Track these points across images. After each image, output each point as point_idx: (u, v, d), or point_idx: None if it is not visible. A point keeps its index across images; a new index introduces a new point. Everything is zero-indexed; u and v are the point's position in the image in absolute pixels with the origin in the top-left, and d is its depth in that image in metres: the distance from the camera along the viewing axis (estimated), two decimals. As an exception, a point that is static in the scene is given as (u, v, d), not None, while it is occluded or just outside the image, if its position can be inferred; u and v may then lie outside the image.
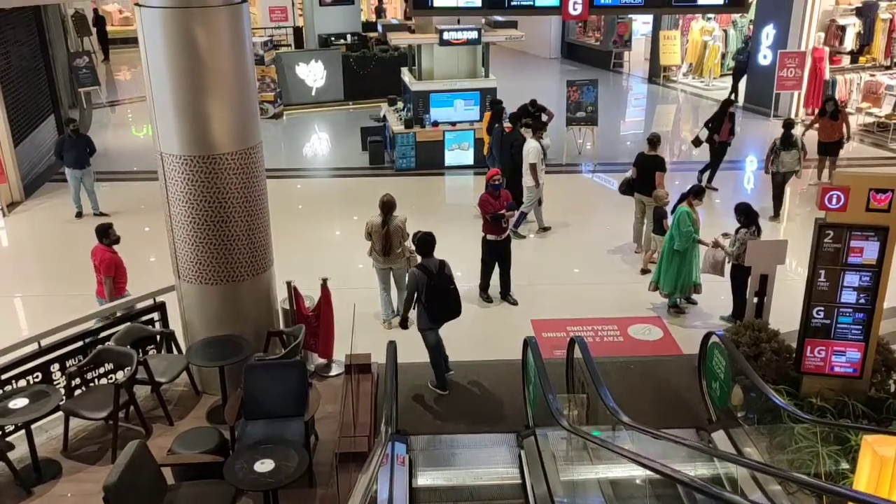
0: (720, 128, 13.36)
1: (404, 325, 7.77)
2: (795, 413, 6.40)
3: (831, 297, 6.90)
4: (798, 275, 9.82)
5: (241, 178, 6.96)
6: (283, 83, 19.35)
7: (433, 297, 7.56)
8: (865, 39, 17.37)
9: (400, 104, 15.77)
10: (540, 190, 11.86)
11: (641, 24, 23.86)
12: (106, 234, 8.32)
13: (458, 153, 14.76)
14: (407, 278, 8.05)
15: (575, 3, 11.21)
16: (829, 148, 13.70)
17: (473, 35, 13.86)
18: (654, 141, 11.03)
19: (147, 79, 6.71)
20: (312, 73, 19.66)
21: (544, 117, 14.83)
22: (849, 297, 6.90)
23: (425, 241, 7.69)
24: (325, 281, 7.79)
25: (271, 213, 7.53)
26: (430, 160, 14.68)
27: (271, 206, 7.55)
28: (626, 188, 11.33)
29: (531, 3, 11.34)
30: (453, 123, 14.69)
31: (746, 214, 9.09)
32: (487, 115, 13.55)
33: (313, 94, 19.76)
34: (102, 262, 8.30)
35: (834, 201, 6.68)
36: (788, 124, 12.37)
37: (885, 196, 6.59)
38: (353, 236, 10.66)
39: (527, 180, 11.74)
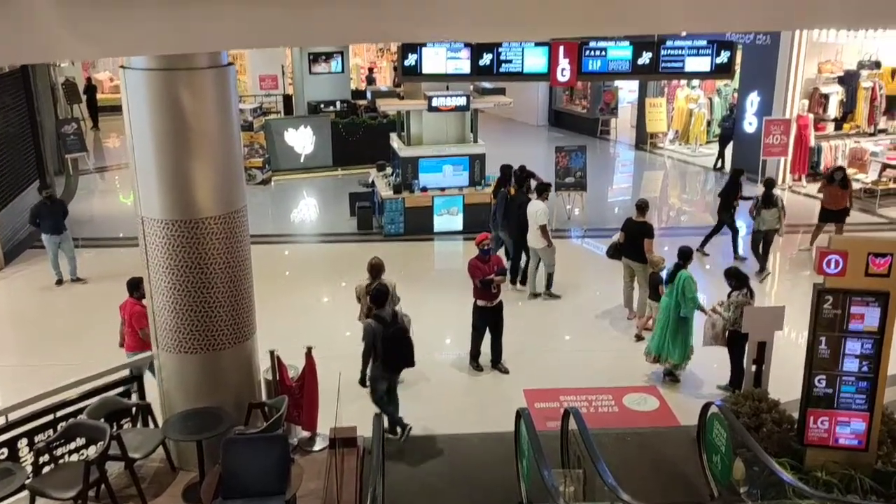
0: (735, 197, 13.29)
1: (363, 382, 7.83)
2: (801, 489, 6.12)
3: (833, 364, 6.69)
4: (793, 341, 9.61)
5: (224, 242, 6.76)
6: (272, 149, 19.36)
7: (389, 347, 7.67)
8: (848, 107, 17.61)
9: (389, 170, 15.75)
10: (554, 249, 11.67)
11: (627, 93, 24.20)
12: (137, 288, 8.17)
13: (448, 218, 14.67)
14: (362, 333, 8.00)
15: (563, 69, 11.35)
16: (835, 216, 13.43)
17: (462, 101, 13.93)
18: (642, 207, 10.94)
19: (130, 141, 6.57)
20: (301, 140, 19.70)
21: (532, 183, 14.90)
22: (851, 364, 6.70)
23: (379, 293, 7.81)
24: (309, 350, 7.51)
25: (256, 280, 7.31)
26: (418, 225, 14.56)
27: (257, 272, 7.33)
28: (614, 252, 11.20)
29: (519, 69, 11.48)
30: (442, 189, 14.64)
31: (737, 277, 8.94)
32: (496, 180, 13.64)
33: (302, 160, 19.75)
34: (133, 315, 8.22)
35: (832, 266, 6.55)
36: (769, 183, 12.62)
37: (885, 260, 6.46)
38: (340, 303, 10.44)
39: (535, 242, 11.53)
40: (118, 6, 5.36)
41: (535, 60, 11.43)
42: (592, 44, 11.44)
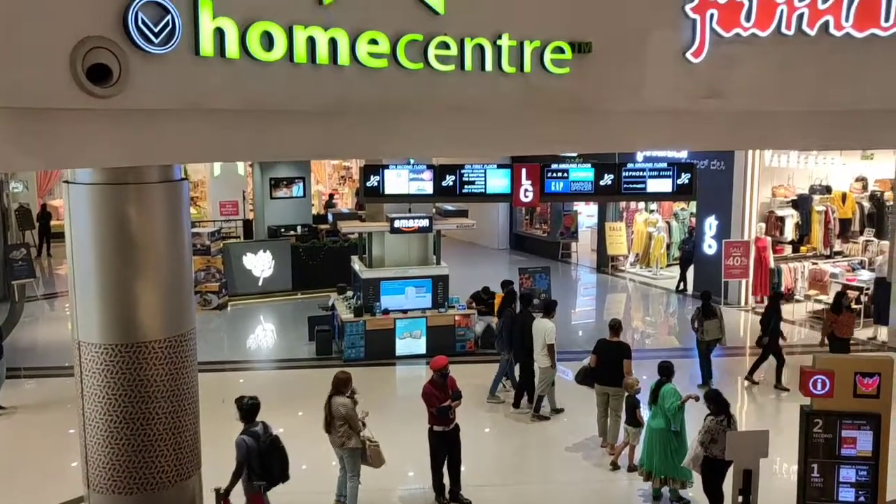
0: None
1: (226, 495, 7.32)
2: None
3: (828, 494, 6.24)
4: (783, 469, 9.12)
5: (168, 369, 6.21)
6: (230, 273, 18.90)
7: (263, 461, 7.32)
8: (804, 230, 17.94)
9: (350, 293, 15.37)
10: (555, 371, 11.31)
11: (586, 217, 24.58)
12: None
13: (410, 342, 14.18)
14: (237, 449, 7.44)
15: (526, 190, 11.29)
16: (844, 344, 12.52)
17: (425, 223, 13.80)
18: (615, 327, 10.60)
19: (70, 259, 6.12)
20: (260, 263, 19.31)
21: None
22: (847, 494, 6.26)
23: (252, 406, 7.54)
24: (260, 487, 6.81)
25: (204, 410, 6.70)
26: (380, 349, 14.04)
27: (207, 401, 6.76)
28: (584, 377, 10.72)
29: (482, 189, 11.40)
30: (405, 311, 14.25)
31: (716, 402, 8.55)
32: (499, 297, 13.44)
33: (260, 283, 19.29)
34: None
35: (819, 386, 6.23)
36: (706, 295, 12.91)
37: (873, 380, 6.17)
38: (297, 433, 9.71)
39: (542, 360, 11.18)
40: (64, 120, 5.11)
41: (498, 181, 11.38)
42: (554, 165, 11.47)
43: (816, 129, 7.97)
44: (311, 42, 6.06)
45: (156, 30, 4.99)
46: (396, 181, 11.45)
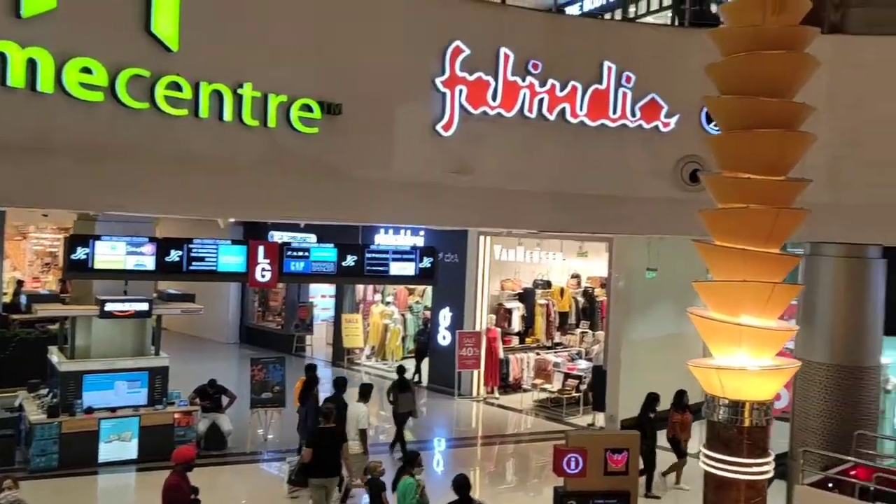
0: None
1: None
2: None
3: (584, 581, 5.95)
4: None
5: None
6: None
7: None
8: (529, 322, 18.89)
9: (44, 390, 13.00)
10: (367, 458, 10.27)
11: (321, 311, 23.97)
12: None
13: (118, 445, 12.17)
14: None
15: (263, 269, 10.37)
16: (681, 446, 11.61)
17: (143, 307, 12.17)
18: (328, 414, 9.90)
19: None
20: (-74, 358, 15.85)
21: (225, 399, 13.28)
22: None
23: None
24: None
25: None
26: (79, 456, 11.83)
27: None
28: (300, 474, 10.03)
29: (213, 267, 10.26)
30: (113, 409, 12.26)
31: (461, 488, 8.09)
32: (299, 382, 12.82)
33: (-76, 383, 15.76)
34: None
35: (573, 465, 6.01)
36: (400, 369, 13.89)
37: (621, 456, 6.09)
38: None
39: (354, 447, 10.23)
40: None
41: (232, 259, 10.31)
42: (294, 244, 10.76)
43: (557, 211, 8.19)
44: (2, 59, 4.92)
45: None
46: (110, 254, 9.89)
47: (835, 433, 9.45)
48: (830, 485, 7.57)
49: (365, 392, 11.16)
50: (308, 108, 6.69)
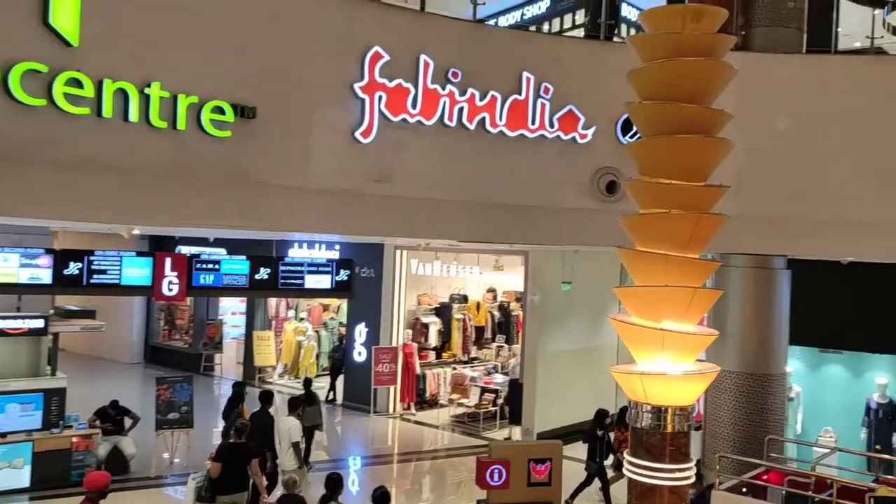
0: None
1: None
2: None
3: None
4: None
5: None
6: None
7: None
8: (446, 336, 18.77)
9: (-77, 416, 12.01)
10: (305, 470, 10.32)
11: (232, 328, 23.19)
12: None
13: (8, 473, 11.32)
14: None
15: (171, 282, 9.91)
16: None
17: (38, 324, 11.44)
18: (240, 429, 9.54)
19: None
20: None
21: (128, 421, 12.58)
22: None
23: None
24: None
25: None
26: (-36, 486, 10.97)
27: None
28: (209, 492, 9.55)
29: (116, 280, 9.73)
30: (3, 434, 11.42)
31: (335, 484, 7.83)
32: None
33: None
34: None
35: (496, 477, 5.89)
36: (307, 382, 13.79)
37: (545, 466, 6.01)
38: None
39: (287, 462, 10.13)
40: None
41: (136, 272, 9.81)
42: (204, 256, 10.32)
43: (476, 221, 8.12)
44: None
45: None
46: (2, 266, 9.23)
47: (745, 439, 9.71)
48: (745, 490, 7.72)
49: (294, 405, 11.11)
50: (220, 111, 6.41)
